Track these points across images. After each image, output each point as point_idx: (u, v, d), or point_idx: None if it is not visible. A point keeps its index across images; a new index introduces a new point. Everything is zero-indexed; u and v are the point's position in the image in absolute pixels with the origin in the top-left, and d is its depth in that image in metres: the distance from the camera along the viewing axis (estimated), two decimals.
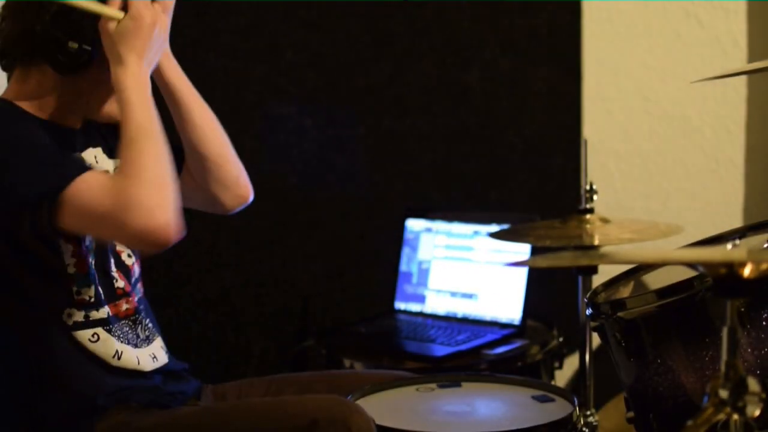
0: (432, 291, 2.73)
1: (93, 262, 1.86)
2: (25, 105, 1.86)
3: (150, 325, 1.99)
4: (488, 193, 3.23)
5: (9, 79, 1.92)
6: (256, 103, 2.96)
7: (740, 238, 1.94)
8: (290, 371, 2.88)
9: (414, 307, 2.74)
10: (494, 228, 2.50)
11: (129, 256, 1.99)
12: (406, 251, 2.79)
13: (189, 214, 2.88)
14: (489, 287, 2.63)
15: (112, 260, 1.93)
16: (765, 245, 1.87)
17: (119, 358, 1.87)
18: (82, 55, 1.82)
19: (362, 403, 1.92)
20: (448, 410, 1.89)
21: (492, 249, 2.64)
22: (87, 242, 1.85)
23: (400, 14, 3.07)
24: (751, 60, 3.24)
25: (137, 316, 1.94)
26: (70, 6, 1.80)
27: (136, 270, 2.01)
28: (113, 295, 1.91)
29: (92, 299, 1.85)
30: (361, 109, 3.07)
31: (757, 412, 1.21)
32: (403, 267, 2.78)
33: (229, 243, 2.98)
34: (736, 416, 1.22)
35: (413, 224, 2.80)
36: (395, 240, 2.80)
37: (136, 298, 1.96)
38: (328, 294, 2.98)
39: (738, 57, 3.25)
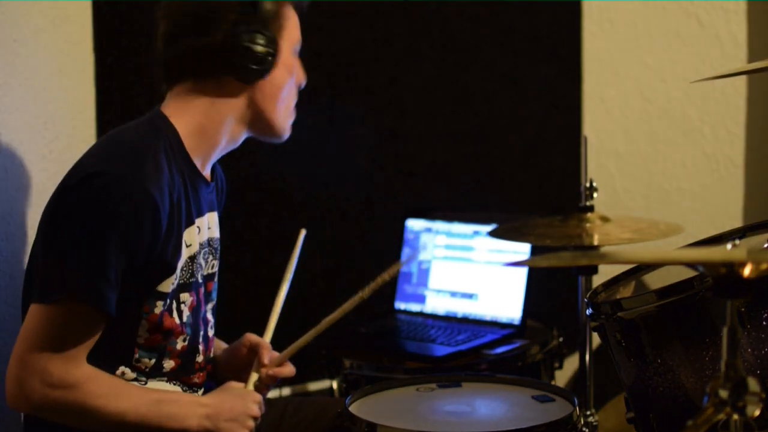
0: (432, 291, 2.73)
1: (179, 339, 1.87)
2: (183, 128, 1.84)
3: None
4: (488, 193, 3.23)
5: (166, 92, 1.89)
6: None
7: (740, 238, 1.94)
8: None
9: (414, 307, 2.74)
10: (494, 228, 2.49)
11: (211, 328, 2.00)
12: (406, 251, 2.79)
13: None
14: (489, 287, 2.63)
15: (201, 334, 1.94)
16: (765, 245, 1.87)
17: None
18: (267, 58, 1.83)
19: (362, 403, 1.92)
20: (448, 410, 1.89)
21: (492, 249, 2.64)
22: (182, 321, 1.86)
23: (400, 14, 3.07)
24: (751, 60, 3.25)
25: (200, 390, 1.96)
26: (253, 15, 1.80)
27: (214, 344, 2.04)
28: (191, 369, 1.92)
29: (148, 369, 1.84)
30: (361, 109, 3.07)
31: (757, 412, 1.21)
32: (403, 267, 2.78)
33: (229, 243, 2.98)
34: (736, 416, 1.22)
35: (413, 224, 2.80)
36: (395, 240, 2.80)
37: (205, 374, 1.98)
38: (328, 294, 2.98)
39: (738, 57, 3.25)
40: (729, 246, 1.56)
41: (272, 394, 2.66)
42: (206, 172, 1.93)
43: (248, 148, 2.96)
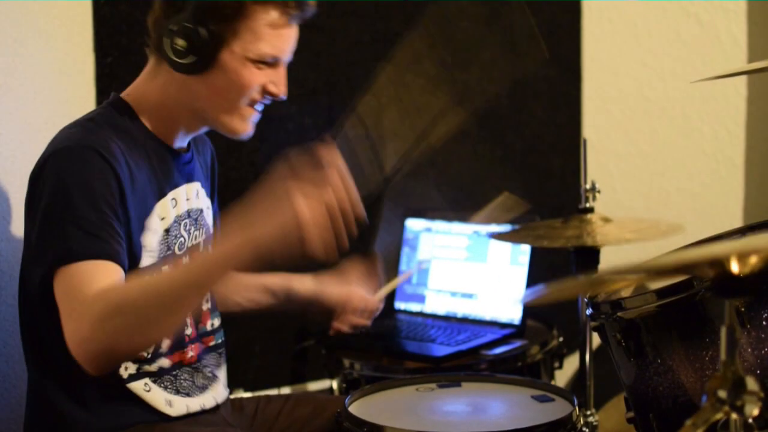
0: (432, 291, 2.73)
1: None
2: (139, 105, 1.86)
3: (211, 374, 1.98)
4: (488, 193, 3.22)
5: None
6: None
7: (740, 238, 1.94)
8: (290, 371, 2.88)
9: (414, 307, 2.74)
10: (494, 228, 2.50)
11: (206, 301, 1.99)
12: (406, 251, 2.79)
13: None
14: (489, 287, 2.63)
15: None
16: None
17: (171, 406, 1.88)
18: (191, 56, 1.79)
19: (362, 402, 1.92)
20: (448, 410, 1.89)
21: (492, 249, 2.64)
22: None
23: (400, 14, 3.06)
24: (751, 60, 3.24)
25: (198, 364, 1.94)
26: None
27: (211, 319, 2.01)
28: (181, 343, 1.90)
29: (149, 355, 1.84)
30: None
31: (756, 412, 1.21)
32: (403, 267, 2.78)
33: None
34: (735, 416, 1.22)
35: (413, 224, 2.80)
36: (395, 240, 2.80)
37: (201, 348, 1.96)
38: None
39: (738, 57, 3.24)
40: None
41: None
42: (178, 145, 1.94)
43: (248, 148, 2.97)
